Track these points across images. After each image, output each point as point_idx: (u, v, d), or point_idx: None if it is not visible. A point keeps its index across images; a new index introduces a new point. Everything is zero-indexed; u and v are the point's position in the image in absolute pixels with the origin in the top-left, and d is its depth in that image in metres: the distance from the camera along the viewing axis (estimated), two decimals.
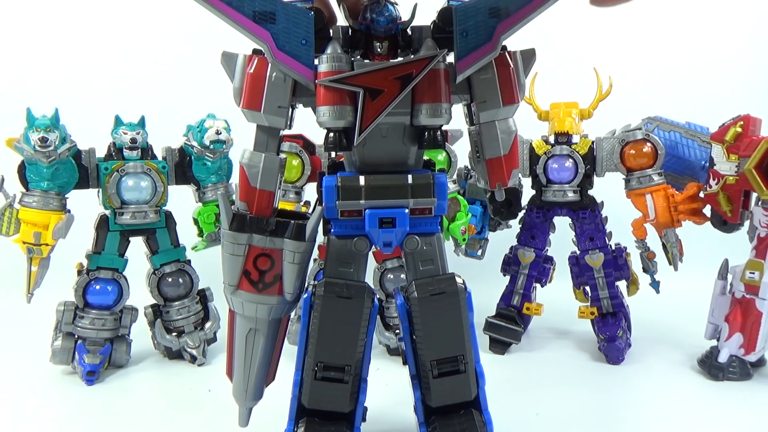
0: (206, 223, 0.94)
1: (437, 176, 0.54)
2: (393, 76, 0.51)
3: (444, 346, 0.54)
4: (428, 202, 0.54)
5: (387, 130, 0.54)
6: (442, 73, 0.53)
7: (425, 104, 0.52)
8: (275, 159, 0.55)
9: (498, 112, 0.55)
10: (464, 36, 0.51)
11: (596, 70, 0.94)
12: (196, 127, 0.91)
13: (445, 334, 0.54)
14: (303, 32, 0.51)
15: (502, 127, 0.55)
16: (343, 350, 0.54)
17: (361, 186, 0.54)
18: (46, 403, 0.80)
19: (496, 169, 0.56)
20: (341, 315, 0.53)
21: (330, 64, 0.52)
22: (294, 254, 0.54)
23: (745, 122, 0.80)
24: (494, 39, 0.51)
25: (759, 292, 0.80)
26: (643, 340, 0.97)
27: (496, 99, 0.54)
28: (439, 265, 0.56)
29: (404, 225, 0.53)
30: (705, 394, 0.79)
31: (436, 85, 0.52)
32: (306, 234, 0.54)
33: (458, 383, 0.55)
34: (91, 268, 0.88)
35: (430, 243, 0.56)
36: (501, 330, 0.95)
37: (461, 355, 0.54)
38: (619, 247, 0.94)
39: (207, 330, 0.94)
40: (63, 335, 0.87)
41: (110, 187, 0.86)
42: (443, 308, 0.54)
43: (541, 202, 0.96)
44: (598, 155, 0.93)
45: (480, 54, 0.52)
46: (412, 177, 0.54)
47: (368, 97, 0.51)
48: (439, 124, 0.53)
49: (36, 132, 0.80)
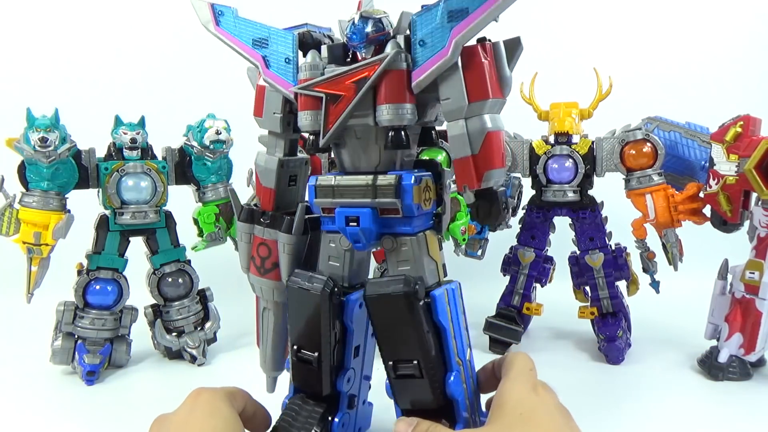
0: (206, 223, 0.95)
1: (403, 177, 0.53)
2: (350, 80, 0.53)
3: (398, 349, 0.54)
4: (390, 203, 0.53)
5: (360, 132, 0.56)
6: (404, 74, 0.52)
7: (384, 105, 0.53)
8: (274, 160, 0.62)
9: (464, 110, 0.52)
10: (422, 45, 0.51)
11: (596, 70, 0.94)
12: (196, 127, 0.91)
13: (398, 336, 0.53)
14: (287, 52, 0.58)
15: (472, 125, 0.52)
16: (309, 338, 0.57)
17: (332, 186, 0.56)
18: (46, 403, 0.80)
19: (463, 170, 0.53)
20: (305, 305, 0.57)
21: (305, 72, 0.56)
22: (284, 245, 0.60)
23: (745, 122, 0.80)
24: (449, 44, 0.50)
25: (759, 292, 0.80)
26: (643, 340, 0.97)
27: (461, 96, 0.51)
28: (417, 267, 0.55)
29: (367, 224, 0.54)
30: (705, 394, 0.79)
31: (395, 86, 0.52)
32: (293, 227, 0.59)
33: (417, 388, 0.54)
34: (91, 268, 0.88)
35: (406, 244, 0.55)
36: (501, 330, 0.95)
37: (416, 360, 0.53)
38: (619, 247, 0.94)
39: (207, 330, 0.94)
40: (63, 335, 0.87)
41: (110, 187, 0.86)
42: (391, 310, 0.52)
43: (541, 202, 0.96)
44: (598, 155, 0.93)
45: (435, 60, 0.51)
46: (378, 178, 0.54)
47: (330, 102, 0.54)
48: (399, 124, 0.53)
49: (36, 132, 0.81)
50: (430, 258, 0.56)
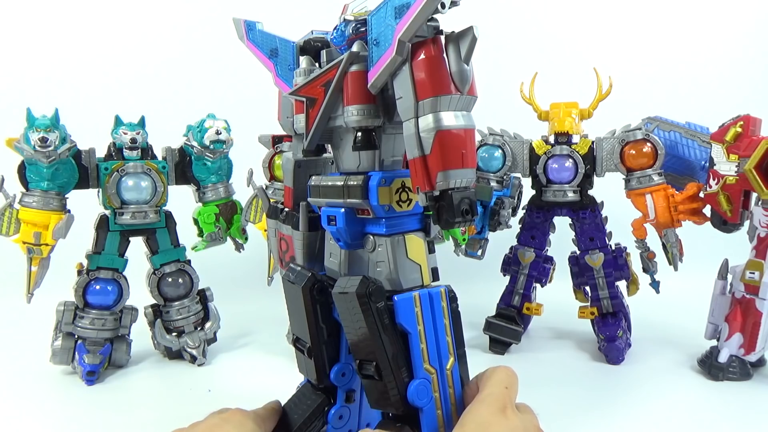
0: (206, 223, 0.95)
1: (371, 178, 0.53)
2: (320, 83, 0.55)
3: (359, 348, 0.53)
4: (358, 203, 0.53)
5: (342, 134, 0.56)
6: (364, 74, 0.52)
7: (351, 106, 0.52)
8: (291, 160, 0.64)
9: (415, 108, 0.49)
10: (376, 45, 0.50)
11: (596, 70, 0.94)
12: (196, 127, 0.91)
13: (359, 335, 0.53)
14: (290, 60, 0.62)
15: (422, 123, 0.48)
16: (301, 330, 0.59)
17: (318, 186, 0.58)
18: (46, 403, 0.80)
19: (417, 170, 0.49)
20: (292, 297, 0.59)
21: (298, 78, 0.60)
22: (296, 241, 0.63)
23: (745, 122, 0.80)
24: (393, 41, 0.48)
25: (759, 292, 0.80)
26: (643, 340, 0.97)
27: (410, 94, 0.49)
28: (392, 269, 0.53)
29: (341, 223, 0.55)
30: (705, 394, 0.79)
31: (358, 87, 0.52)
32: (299, 224, 0.61)
33: (377, 390, 0.53)
34: (91, 268, 0.88)
35: (382, 245, 0.54)
36: (501, 330, 0.95)
37: (374, 361, 0.52)
38: (619, 247, 0.94)
39: (207, 330, 0.94)
40: (63, 335, 0.87)
41: (110, 187, 0.86)
42: (349, 308, 0.52)
43: (541, 202, 0.96)
44: (598, 155, 0.93)
45: (384, 59, 0.49)
46: (349, 178, 0.54)
47: (308, 105, 0.56)
48: (365, 125, 0.53)
49: (36, 132, 0.80)
50: (411, 261, 0.54)
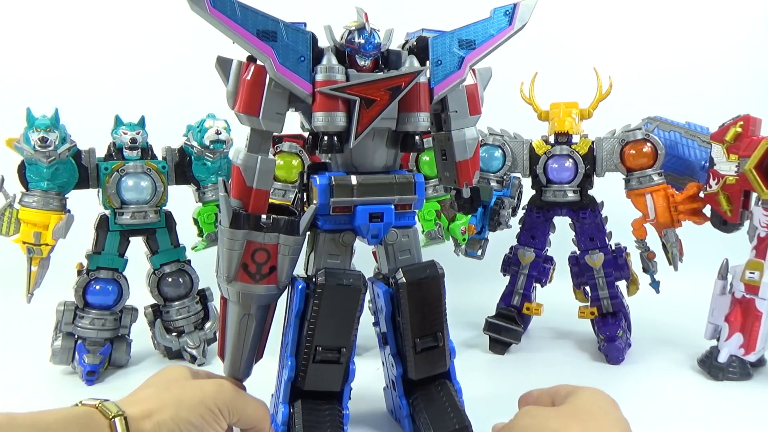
0: (206, 223, 0.94)
1: (416, 176, 0.63)
2: (384, 87, 0.58)
3: (426, 325, 0.62)
4: (410, 198, 0.62)
5: (377, 135, 0.61)
6: (424, 86, 0.60)
7: (410, 113, 0.60)
8: (270, 161, 0.60)
9: (466, 121, 0.64)
10: (438, 64, 0.61)
11: (596, 70, 0.94)
12: (196, 127, 0.91)
13: (428, 314, 0.62)
14: (302, 50, 0.57)
15: (470, 134, 0.64)
16: (339, 333, 0.60)
17: (353, 185, 0.60)
18: (46, 403, 0.79)
19: (465, 170, 0.65)
20: (340, 301, 0.59)
21: (326, 74, 0.58)
22: (288, 248, 0.60)
23: (745, 122, 0.80)
24: (463, 67, 0.61)
25: (759, 292, 0.80)
26: (643, 340, 0.97)
27: (465, 110, 0.63)
28: (415, 255, 0.65)
29: (390, 219, 0.61)
30: (705, 394, 0.79)
31: (419, 96, 0.60)
32: (300, 229, 0.60)
33: (436, 357, 0.64)
34: (91, 268, 0.88)
35: (407, 235, 0.64)
36: (501, 330, 0.95)
37: (440, 332, 0.63)
38: (619, 247, 0.94)
39: (207, 330, 0.94)
40: (63, 335, 0.87)
41: (110, 187, 0.86)
42: (427, 291, 0.62)
43: (541, 202, 0.96)
44: (598, 155, 0.93)
45: (452, 79, 0.61)
46: (397, 177, 0.62)
47: (363, 105, 0.58)
48: (420, 130, 0.61)
49: (36, 132, 0.80)
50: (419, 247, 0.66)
